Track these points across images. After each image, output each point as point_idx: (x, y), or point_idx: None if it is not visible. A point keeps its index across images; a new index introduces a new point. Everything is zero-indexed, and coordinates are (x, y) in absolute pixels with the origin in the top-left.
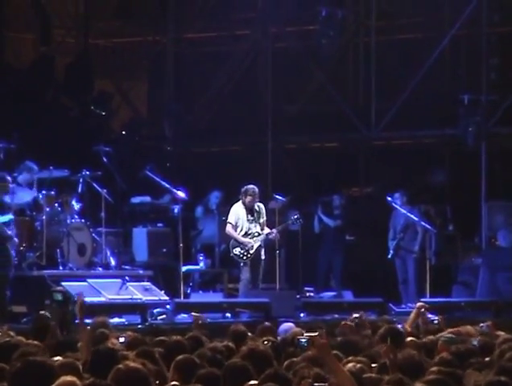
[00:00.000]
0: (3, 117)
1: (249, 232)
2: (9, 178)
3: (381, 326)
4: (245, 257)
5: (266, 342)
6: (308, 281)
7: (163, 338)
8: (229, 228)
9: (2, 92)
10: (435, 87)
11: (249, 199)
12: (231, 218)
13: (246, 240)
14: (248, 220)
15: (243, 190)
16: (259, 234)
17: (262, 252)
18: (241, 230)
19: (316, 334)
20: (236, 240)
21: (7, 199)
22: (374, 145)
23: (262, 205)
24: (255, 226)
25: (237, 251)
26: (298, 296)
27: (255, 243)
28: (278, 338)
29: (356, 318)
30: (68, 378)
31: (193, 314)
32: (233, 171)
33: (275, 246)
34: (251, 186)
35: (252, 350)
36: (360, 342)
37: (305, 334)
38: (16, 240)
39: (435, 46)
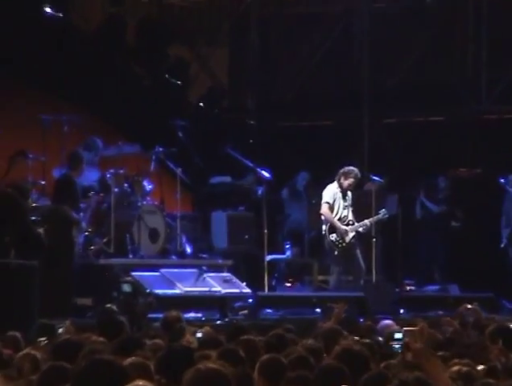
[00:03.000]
0: (69, 86)
1: (344, 219)
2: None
3: (490, 324)
4: (340, 245)
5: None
6: (408, 273)
7: (245, 336)
8: (325, 209)
9: (67, 58)
10: None
11: (349, 181)
12: (328, 197)
13: (343, 226)
14: (343, 206)
15: (344, 171)
16: (353, 223)
17: (356, 243)
18: (336, 214)
19: (416, 329)
20: (332, 224)
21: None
22: (484, 119)
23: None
24: (349, 213)
25: (333, 237)
26: (397, 290)
27: (350, 231)
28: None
29: (468, 309)
30: (141, 383)
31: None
32: (324, 149)
33: (371, 233)
34: (353, 168)
35: (347, 350)
36: (467, 342)
37: (404, 330)
38: (84, 224)
39: None
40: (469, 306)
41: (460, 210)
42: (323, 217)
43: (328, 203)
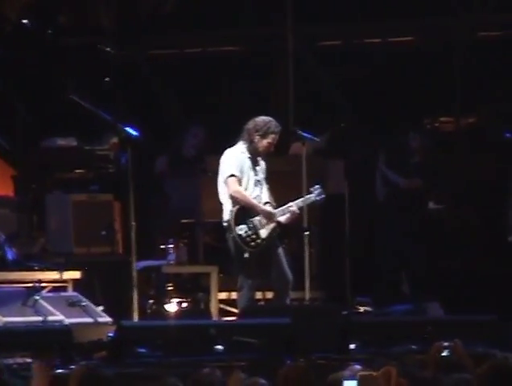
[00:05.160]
0: None
1: (257, 200)
2: None
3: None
4: (253, 243)
5: None
6: (362, 286)
7: None
8: (234, 185)
9: None
10: None
11: (268, 140)
12: (232, 167)
13: (267, 208)
14: (254, 181)
15: (257, 124)
16: (271, 206)
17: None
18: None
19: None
20: (250, 206)
21: None
22: (480, 38)
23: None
24: (263, 191)
25: (242, 230)
26: (344, 313)
27: (276, 217)
28: None
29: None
30: None
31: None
32: (224, 90)
33: (301, 225)
34: (271, 119)
35: None
36: None
37: (359, 375)
38: None
39: None
40: (446, 344)
41: (442, 184)
42: (226, 199)
43: (233, 176)
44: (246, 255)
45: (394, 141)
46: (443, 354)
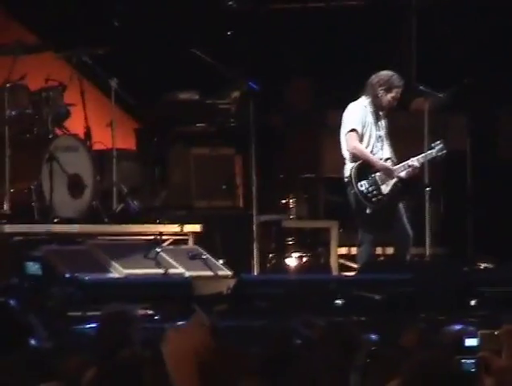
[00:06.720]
0: None
1: (378, 156)
2: None
3: None
4: (375, 199)
5: None
6: (485, 244)
7: None
8: (354, 141)
9: None
10: None
11: (392, 95)
12: (355, 122)
13: (386, 164)
14: (376, 136)
15: (381, 78)
16: (392, 162)
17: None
18: (366, 148)
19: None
20: (368, 161)
21: None
22: None
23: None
24: (384, 147)
25: (363, 186)
26: (465, 269)
27: (397, 173)
28: None
29: None
30: None
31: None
32: (347, 44)
33: (422, 181)
34: (394, 73)
35: None
36: None
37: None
38: None
39: None
40: None
41: None
42: (347, 153)
43: (355, 130)
44: (368, 210)
45: None
46: None
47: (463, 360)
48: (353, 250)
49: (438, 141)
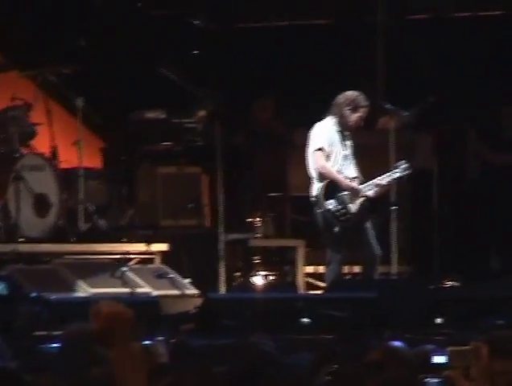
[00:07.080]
0: None
1: (345, 175)
2: None
3: None
4: (343, 217)
5: None
6: (450, 262)
7: None
8: (321, 160)
9: None
10: None
11: (359, 114)
12: (321, 140)
13: (352, 183)
14: (343, 155)
15: (348, 97)
16: (358, 181)
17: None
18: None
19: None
20: (335, 181)
21: None
22: None
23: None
24: (351, 166)
25: (331, 204)
26: (431, 287)
27: (363, 192)
28: None
29: None
30: None
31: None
32: (317, 64)
33: (389, 199)
34: (359, 93)
35: None
36: None
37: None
38: None
39: None
40: None
41: None
42: (314, 172)
43: (321, 149)
44: (336, 229)
45: (485, 116)
46: None
47: (427, 379)
48: (320, 269)
49: (402, 161)
